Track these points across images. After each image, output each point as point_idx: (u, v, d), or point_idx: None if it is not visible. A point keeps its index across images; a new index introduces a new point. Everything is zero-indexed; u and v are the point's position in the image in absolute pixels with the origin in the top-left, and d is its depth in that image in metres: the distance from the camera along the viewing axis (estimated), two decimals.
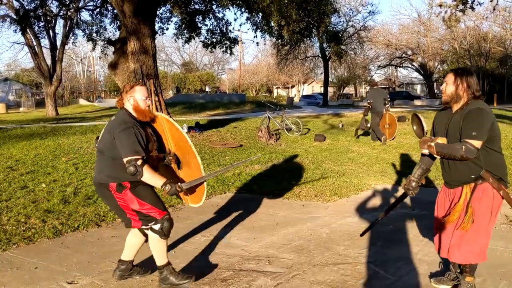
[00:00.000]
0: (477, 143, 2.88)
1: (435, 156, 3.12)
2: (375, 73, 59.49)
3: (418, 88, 62.17)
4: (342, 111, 24.70)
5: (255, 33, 16.62)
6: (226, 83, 68.85)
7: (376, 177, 7.47)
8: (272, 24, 13.06)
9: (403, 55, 50.48)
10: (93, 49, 23.20)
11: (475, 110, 2.92)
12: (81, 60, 61.56)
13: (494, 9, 14.37)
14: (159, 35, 16.39)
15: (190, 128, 13.16)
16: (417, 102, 38.56)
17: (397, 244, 4.32)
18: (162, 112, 11.42)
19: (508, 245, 4.19)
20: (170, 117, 12.20)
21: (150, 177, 3.15)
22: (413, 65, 52.60)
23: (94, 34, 22.04)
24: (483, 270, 3.61)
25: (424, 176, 3.35)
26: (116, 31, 19.60)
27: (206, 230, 4.95)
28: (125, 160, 3.10)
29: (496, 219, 3.09)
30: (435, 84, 52.38)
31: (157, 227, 3.28)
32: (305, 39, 25.52)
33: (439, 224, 3.24)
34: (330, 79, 43.99)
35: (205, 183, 3.45)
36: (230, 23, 35.80)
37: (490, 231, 3.07)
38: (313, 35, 26.63)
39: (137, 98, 3.30)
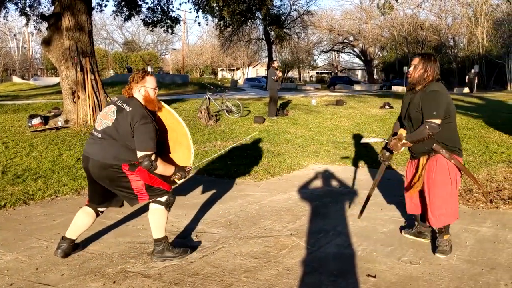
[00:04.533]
0: (437, 121, 3.32)
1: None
2: (318, 57, 60.64)
3: (359, 73, 64.02)
4: (284, 94, 25.01)
5: (197, 13, 16.38)
6: (169, 63, 67.55)
7: (309, 157, 7.77)
8: (213, 5, 13.01)
9: (345, 40, 51.71)
10: (27, 24, 21.98)
11: (432, 93, 3.35)
12: (14, 35, 58.26)
13: None
14: (97, 11, 15.83)
15: None
16: (357, 87, 39.70)
17: (320, 218, 4.58)
18: (99, 92, 11.19)
19: None
20: (107, 96, 11.97)
21: (163, 169, 3.36)
22: (355, 51, 54.07)
23: (28, 8, 20.90)
24: (395, 240, 3.94)
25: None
26: (50, 5, 18.72)
27: (138, 207, 4.99)
28: (139, 154, 3.21)
29: (458, 183, 3.57)
30: (374, 70, 54.09)
31: (163, 198, 3.47)
32: (247, 21, 25.51)
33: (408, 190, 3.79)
34: None
35: None
36: (172, 1, 35.12)
37: (454, 194, 3.56)
38: (255, 18, 26.68)
39: (147, 88, 3.38)
